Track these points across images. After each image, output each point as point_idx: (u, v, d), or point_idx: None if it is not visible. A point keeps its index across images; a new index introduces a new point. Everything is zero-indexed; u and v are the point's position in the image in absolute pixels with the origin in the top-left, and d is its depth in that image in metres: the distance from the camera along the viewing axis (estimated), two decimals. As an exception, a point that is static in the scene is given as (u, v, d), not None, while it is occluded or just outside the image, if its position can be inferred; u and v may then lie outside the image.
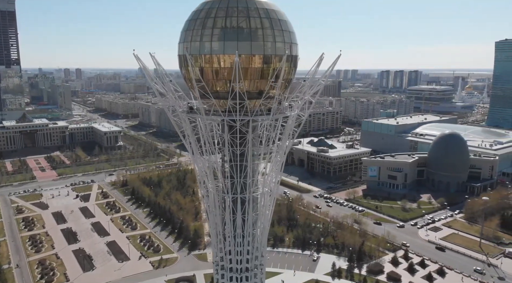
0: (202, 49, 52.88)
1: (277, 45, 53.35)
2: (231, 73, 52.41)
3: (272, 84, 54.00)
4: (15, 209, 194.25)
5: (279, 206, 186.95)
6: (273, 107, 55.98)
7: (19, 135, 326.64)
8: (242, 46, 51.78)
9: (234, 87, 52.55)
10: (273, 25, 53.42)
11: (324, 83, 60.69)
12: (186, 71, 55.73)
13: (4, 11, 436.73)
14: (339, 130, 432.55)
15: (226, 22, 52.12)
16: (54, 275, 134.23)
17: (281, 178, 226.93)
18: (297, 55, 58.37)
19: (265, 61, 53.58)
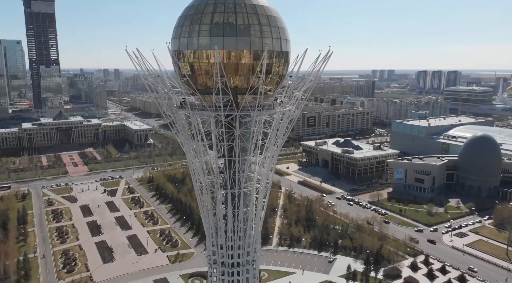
0: (190, 45, 53.79)
1: (265, 40, 53.30)
2: (220, 68, 52.93)
3: (257, 79, 53.84)
4: (46, 202, 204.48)
5: (298, 206, 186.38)
6: (260, 103, 55.78)
7: (55, 131, 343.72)
8: (228, 42, 52.23)
9: (223, 82, 53.04)
10: (261, 20, 53.47)
11: (314, 80, 59.76)
12: (177, 67, 56.91)
13: (44, 13, 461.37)
14: (370, 131, 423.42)
15: (213, 18, 52.70)
16: (75, 265, 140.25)
17: (304, 179, 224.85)
18: (289, 51, 58.05)
19: (253, 57, 53.71)
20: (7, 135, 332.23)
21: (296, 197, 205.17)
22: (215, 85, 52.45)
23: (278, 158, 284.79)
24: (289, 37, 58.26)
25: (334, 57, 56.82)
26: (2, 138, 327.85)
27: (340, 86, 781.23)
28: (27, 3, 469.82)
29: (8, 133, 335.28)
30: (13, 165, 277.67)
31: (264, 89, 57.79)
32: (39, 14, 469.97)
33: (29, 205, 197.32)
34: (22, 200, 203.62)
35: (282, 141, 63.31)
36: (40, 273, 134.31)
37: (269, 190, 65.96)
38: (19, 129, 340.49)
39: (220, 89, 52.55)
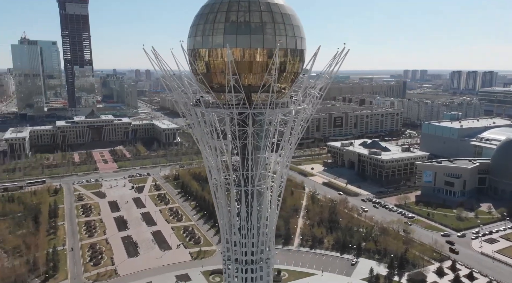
0: (205, 44, 54.41)
1: (278, 38, 53.17)
2: (235, 67, 53.35)
3: (270, 77, 53.74)
4: (77, 197, 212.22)
5: (321, 208, 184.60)
6: (273, 101, 55.71)
7: (87, 129, 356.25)
8: (242, 40, 52.48)
9: (236, 80, 53.38)
10: (275, 18, 53.42)
11: (329, 77, 59.06)
12: (193, 66, 57.73)
13: (78, 15, 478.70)
14: (399, 132, 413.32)
15: (227, 17, 53.12)
16: (102, 258, 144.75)
17: (329, 180, 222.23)
18: (304, 49, 57.65)
19: (267, 55, 53.71)
20: (42, 133, 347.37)
21: (319, 198, 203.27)
22: (227, 83, 52.84)
23: (303, 159, 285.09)
24: (305, 35, 57.88)
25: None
26: (38, 135, 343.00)
27: (369, 86, 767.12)
28: (62, 5, 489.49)
29: (43, 131, 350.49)
30: (47, 161, 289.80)
31: (278, 87, 57.77)
32: (73, 16, 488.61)
33: (60, 199, 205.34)
34: (54, 195, 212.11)
35: (297, 139, 62.91)
36: (68, 265, 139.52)
37: (283, 188, 65.71)
38: (53, 127, 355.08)
39: (233, 87, 52.87)
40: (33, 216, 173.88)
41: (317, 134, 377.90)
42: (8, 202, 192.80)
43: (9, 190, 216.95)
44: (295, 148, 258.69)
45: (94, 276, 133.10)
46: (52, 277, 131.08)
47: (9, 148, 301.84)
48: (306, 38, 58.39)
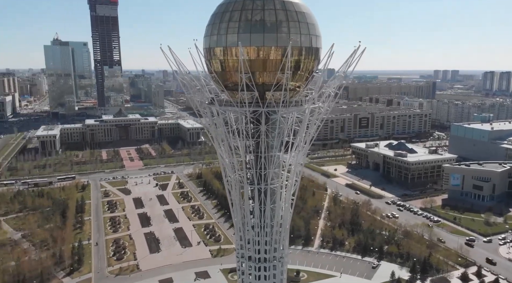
0: (220, 42, 54.85)
1: (292, 36, 53.03)
2: (248, 65, 53.67)
3: (284, 75, 53.63)
4: (103, 193, 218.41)
5: (343, 209, 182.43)
6: (286, 99, 55.54)
7: (115, 128, 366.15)
8: (256, 38, 52.62)
9: (250, 78, 53.62)
10: (289, 17, 53.30)
11: (344, 75, 58.38)
12: (208, 65, 58.41)
13: (108, 17, 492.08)
14: (427, 134, 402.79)
15: (242, 15, 53.38)
16: (124, 253, 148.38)
17: (353, 182, 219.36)
18: (319, 47, 57.24)
19: (281, 53, 53.59)
20: (72, 130, 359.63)
21: (342, 200, 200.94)
22: (239, 81, 53.19)
23: (326, 160, 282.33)
24: (320, 33, 57.46)
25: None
26: (68, 133, 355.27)
27: (398, 87, 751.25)
28: (92, 7, 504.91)
29: (73, 129, 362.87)
30: (76, 158, 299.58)
31: (292, 86, 57.63)
32: (103, 18, 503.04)
33: (87, 195, 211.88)
34: (82, 191, 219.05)
35: (312, 138, 62.47)
36: (92, 259, 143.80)
37: (298, 187, 65.43)
38: (83, 125, 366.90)
39: (245, 85, 53.15)
40: (61, 210, 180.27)
41: (341, 135, 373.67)
42: (38, 197, 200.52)
43: (39, 185, 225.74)
44: (319, 149, 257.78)
45: (117, 270, 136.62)
46: (76, 270, 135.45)
47: (40, 145, 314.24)
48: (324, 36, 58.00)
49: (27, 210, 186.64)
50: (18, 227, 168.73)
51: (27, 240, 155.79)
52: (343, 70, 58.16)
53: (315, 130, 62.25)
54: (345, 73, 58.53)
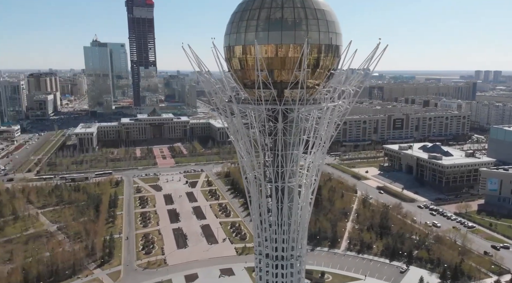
0: (239, 41, 55.37)
1: (310, 34, 52.77)
2: (267, 63, 53.99)
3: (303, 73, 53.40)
4: (135, 189, 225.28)
5: (372, 212, 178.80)
6: (303, 97, 55.26)
7: (149, 126, 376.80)
8: (274, 36, 52.80)
9: (268, 76, 53.87)
10: (308, 14, 53.06)
11: (363, 73, 57.44)
12: (228, 63, 59.18)
13: (144, 18, 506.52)
14: (465, 137, 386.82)
15: (260, 14, 53.63)
16: (153, 248, 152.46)
17: (384, 185, 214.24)
18: (339, 45, 56.60)
19: (300, 51, 53.42)
20: (108, 129, 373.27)
21: (371, 203, 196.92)
22: (256, 79, 53.54)
23: (357, 161, 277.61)
24: (340, 31, 56.83)
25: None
26: (104, 131, 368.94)
27: (435, 87, 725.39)
28: (130, 9, 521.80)
29: (109, 127, 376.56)
30: (111, 155, 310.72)
31: (311, 84, 57.35)
32: (140, 19, 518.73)
33: (120, 191, 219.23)
34: (115, 187, 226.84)
35: (331, 137, 61.82)
36: (122, 252, 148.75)
37: (316, 186, 64.90)
38: (118, 124, 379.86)
39: (262, 83, 53.44)
40: (95, 205, 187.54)
41: (374, 136, 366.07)
42: (74, 191, 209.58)
43: (76, 180, 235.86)
44: (351, 150, 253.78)
45: (145, 264, 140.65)
46: (107, 262, 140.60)
47: (78, 142, 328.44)
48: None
49: (64, 203, 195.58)
50: (55, 220, 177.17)
51: (62, 232, 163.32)
52: (364, 68, 57.16)
53: (335, 128, 61.49)
54: (365, 71, 57.54)
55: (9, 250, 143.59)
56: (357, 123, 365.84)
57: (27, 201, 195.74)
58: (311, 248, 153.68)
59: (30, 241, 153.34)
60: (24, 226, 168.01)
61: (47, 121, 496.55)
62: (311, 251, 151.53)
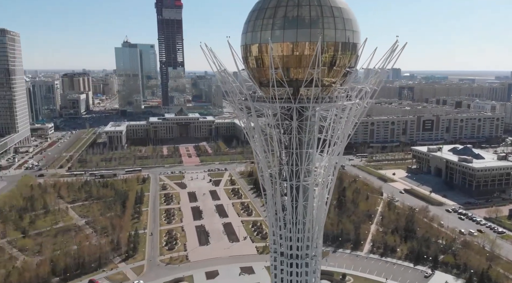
0: (255, 39, 55.63)
1: (326, 32, 52.46)
2: (283, 61, 54.14)
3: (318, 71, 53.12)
4: (161, 186, 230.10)
5: (398, 215, 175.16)
6: (317, 95, 54.94)
7: (176, 126, 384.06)
8: (290, 34, 52.80)
9: (284, 74, 53.98)
10: (324, 12, 52.74)
11: (380, 72, 56.47)
12: (245, 61, 59.66)
13: (173, 20, 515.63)
14: (499, 139, 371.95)
15: (276, 12, 53.60)
16: (176, 244, 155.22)
17: (411, 187, 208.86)
18: (357, 43, 55.95)
19: (315, 49, 53.21)
20: (137, 127, 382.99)
21: (397, 205, 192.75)
22: (270, 77, 53.74)
23: (384, 163, 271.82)
24: (358, 29, 56.19)
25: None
26: (133, 129, 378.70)
27: (468, 88, 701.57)
28: (159, 11, 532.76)
29: (138, 126, 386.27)
30: (139, 153, 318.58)
31: (328, 82, 57.01)
32: (169, 21, 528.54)
33: (146, 188, 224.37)
34: (142, 183, 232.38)
35: (348, 136, 61.16)
36: (146, 247, 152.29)
37: (332, 185, 64.31)
38: (147, 123, 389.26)
39: (275, 81, 53.61)
40: (122, 201, 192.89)
41: (403, 138, 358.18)
42: (102, 187, 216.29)
43: (104, 177, 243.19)
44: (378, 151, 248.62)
45: (168, 259, 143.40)
46: (131, 257, 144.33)
47: (108, 140, 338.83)
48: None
49: (92, 199, 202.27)
50: (83, 214, 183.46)
51: (89, 227, 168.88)
52: (381, 66, 56.30)
53: (352, 128, 60.81)
54: (383, 69, 56.65)
55: (39, 243, 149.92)
56: (385, 124, 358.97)
57: (57, 196, 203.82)
58: (333, 250, 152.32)
59: (59, 234, 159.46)
60: (54, 220, 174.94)
61: (79, 120, 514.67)
62: (333, 253, 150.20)
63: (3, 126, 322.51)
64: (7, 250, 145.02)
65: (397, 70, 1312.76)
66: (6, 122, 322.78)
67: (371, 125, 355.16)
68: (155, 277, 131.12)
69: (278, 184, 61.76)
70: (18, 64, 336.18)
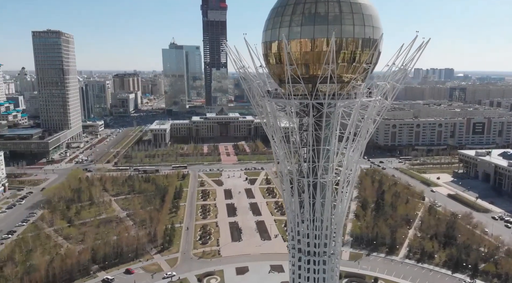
0: (274, 36, 56.00)
1: (344, 28, 52.15)
2: (302, 58, 54.56)
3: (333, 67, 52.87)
4: (199, 183, 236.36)
5: (438, 220, 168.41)
6: (334, 92, 54.61)
7: (217, 125, 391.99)
8: (307, 31, 53.00)
9: (302, 71, 54.36)
10: (342, 8, 52.47)
11: (404, 68, 55.09)
12: (265, 58, 60.60)
13: (217, 21, 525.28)
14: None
15: (295, 9, 53.80)
16: (209, 239, 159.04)
17: (456, 192, 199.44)
18: (377, 39, 55.03)
19: (336, 45, 53.05)
20: (180, 126, 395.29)
21: (439, 210, 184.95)
22: (285, 73, 54.27)
23: (429, 167, 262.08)
24: (378, 25, 55.30)
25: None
26: (177, 128, 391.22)
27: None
28: (205, 13, 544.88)
29: (181, 124, 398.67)
30: (181, 150, 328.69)
31: (347, 78, 56.65)
32: (214, 22, 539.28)
33: (185, 184, 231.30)
34: (182, 180, 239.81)
35: (369, 133, 60.23)
36: (181, 240, 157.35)
37: (353, 183, 63.52)
38: (189, 121, 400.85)
39: (295, 77, 54.10)
40: (162, 195, 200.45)
41: (451, 141, 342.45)
42: (144, 182, 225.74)
43: (147, 172, 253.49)
44: (423, 154, 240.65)
45: (200, 253, 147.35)
46: (166, 249, 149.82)
47: (153, 138, 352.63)
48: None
49: (134, 192, 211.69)
50: (125, 207, 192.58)
51: (130, 219, 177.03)
52: (401, 63, 55.08)
53: (373, 125, 59.86)
54: (404, 66, 55.37)
55: (83, 232, 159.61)
56: (431, 125, 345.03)
57: (103, 189, 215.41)
58: (367, 253, 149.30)
59: (101, 224, 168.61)
60: (98, 211, 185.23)
61: (127, 118, 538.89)
62: (367, 256, 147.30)
63: (57, 123, 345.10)
64: (53, 238, 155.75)
65: (449, 70, 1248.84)
66: (60, 119, 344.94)
67: (417, 127, 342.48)
68: (187, 270, 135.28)
69: (295, 180, 62.06)
70: (71, 64, 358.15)
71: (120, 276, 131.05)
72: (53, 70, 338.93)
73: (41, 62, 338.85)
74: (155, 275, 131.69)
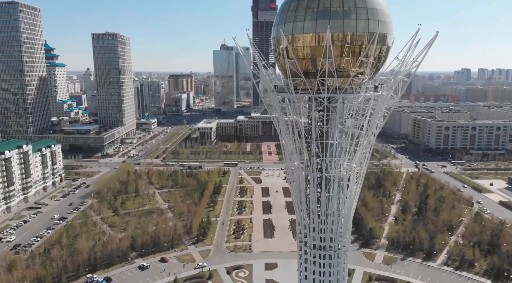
0: (286, 31, 56.19)
1: (352, 22, 52.47)
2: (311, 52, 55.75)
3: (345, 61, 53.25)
4: (238, 180, 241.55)
5: (483, 228, 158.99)
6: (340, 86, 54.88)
7: (260, 124, 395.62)
8: (312, 26, 53.55)
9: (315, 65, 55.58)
10: (349, 2, 52.77)
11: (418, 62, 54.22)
12: (275, 53, 62.25)
13: (267, 22, 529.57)
14: None
15: (307, 4, 54.21)
16: (242, 234, 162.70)
17: (509, 200, 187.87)
18: (386, 33, 54.59)
19: (343, 39, 53.61)
20: (225, 124, 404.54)
21: (486, 217, 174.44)
22: (286, 68, 55.50)
23: (482, 172, 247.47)
24: (387, 19, 54.87)
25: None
26: (222, 126, 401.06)
27: None
28: (255, 14, 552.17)
29: (227, 123, 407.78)
30: (225, 148, 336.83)
31: (354, 72, 56.86)
32: (263, 23, 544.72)
33: (225, 180, 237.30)
34: (222, 176, 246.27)
35: (377, 128, 59.75)
36: (215, 234, 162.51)
37: (362, 179, 63.19)
38: (234, 121, 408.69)
39: (289, 72, 55.29)
40: (201, 190, 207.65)
41: (510, 145, 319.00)
42: (188, 177, 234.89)
43: (191, 168, 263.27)
44: (477, 159, 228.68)
45: (232, 247, 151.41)
46: (201, 241, 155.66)
47: (200, 135, 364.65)
48: None
49: (177, 186, 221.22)
50: (167, 200, 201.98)
51: (170, 211, 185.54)
52: (410, 58, 54.32)
53: (380, 120, 59.35)
54: (415, 60, 54.56)
55: (126, 221, 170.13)
56: (489, 129, 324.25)
57: (149, 182, 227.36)
58: (402, 257, 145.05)
59: (143, 215, 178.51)
60: (142, 203, 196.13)
61: (179, 117, 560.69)
62: (401, 261, 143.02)
63: (112, 119, 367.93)
64: (98, 225, 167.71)
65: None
66: (115, 116, 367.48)
67: (472, 130, 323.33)
68: (218, 262, 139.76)
69: (300, 174, 63.01)
70: (127, 64, 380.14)
71: (155, 264, 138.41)
72: (110, 70, 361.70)
73: (99, 63, 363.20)
74: (187, 265, 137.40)
